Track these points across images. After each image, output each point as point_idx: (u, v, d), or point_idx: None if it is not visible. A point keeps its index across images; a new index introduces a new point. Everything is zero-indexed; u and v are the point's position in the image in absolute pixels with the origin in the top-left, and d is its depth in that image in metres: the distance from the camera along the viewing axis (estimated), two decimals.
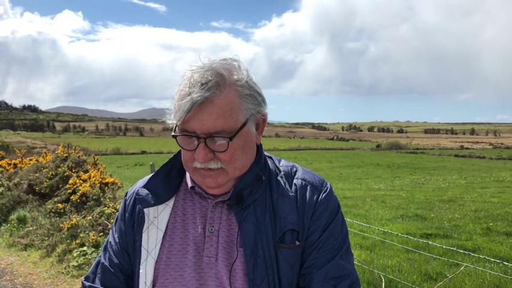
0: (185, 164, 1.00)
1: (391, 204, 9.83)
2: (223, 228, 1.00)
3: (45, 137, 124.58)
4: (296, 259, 0.99)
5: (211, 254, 0.98)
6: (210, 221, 1.01)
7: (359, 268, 4.50)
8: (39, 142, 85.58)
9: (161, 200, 1.05)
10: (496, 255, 5.18)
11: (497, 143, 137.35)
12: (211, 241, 0.99)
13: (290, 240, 0.98)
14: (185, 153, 0.98)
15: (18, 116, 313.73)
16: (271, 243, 0.97)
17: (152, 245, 1.02)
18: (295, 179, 1.06)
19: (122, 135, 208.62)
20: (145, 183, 1.10)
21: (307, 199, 1.02)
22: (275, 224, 0.99)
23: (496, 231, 6.60)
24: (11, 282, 4.94)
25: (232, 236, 0.99)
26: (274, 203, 1.01)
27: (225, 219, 1.01)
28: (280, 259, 0.97)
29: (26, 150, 13.02)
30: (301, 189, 1.04)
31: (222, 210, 1.02)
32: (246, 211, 0.99)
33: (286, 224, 0.98)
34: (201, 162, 0.94)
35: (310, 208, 1.02)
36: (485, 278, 4.23)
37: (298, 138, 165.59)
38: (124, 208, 1.13)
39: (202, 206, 1.04)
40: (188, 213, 1.04)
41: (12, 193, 8.05)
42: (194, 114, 0.91)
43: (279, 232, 0.98)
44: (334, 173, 29.09)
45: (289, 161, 1.15)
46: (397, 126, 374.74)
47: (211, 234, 0.99)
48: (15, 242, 6.32)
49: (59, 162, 8.47)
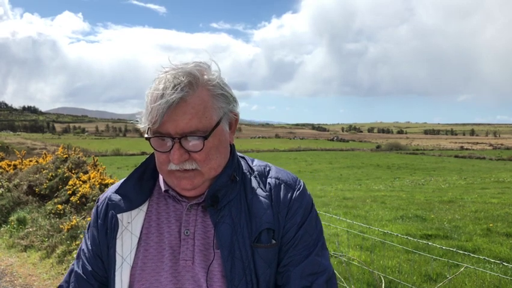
0: (159, 167, 0.99)
1: (391, 205, 9.83)
2: (198, 231, 1.00)
3: (45, 138, 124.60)
4: (273, 258, 1.00)
5: (188, 257, 0.98)
6: (185, 224, 1.00)
7: (359, 269, 4.50)
8: (39, 143, 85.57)
9: (135, 205, 1.04)
10: (496, 256, 5.17)
11: (497, 143, 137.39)
12: (187, 244, 0.98)
13: (266, 239, 0.98)
14: (160, 155, 0.97)
15: (18, 117, 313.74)
16: (248, 243, 0.97)
17: (127, 250, 1.01)
18: (269, 178, 1.07)
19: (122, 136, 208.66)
20: (117, 189, 1.07)
21: (282, 197, 1.03)
22: (251, 223, 0.99)
23: (496, 232, 6.60)
24: (11, 284, 4.94)
25: (208, 238, 0.99)
26: (249, 203, 1.01)
27: (200, 221, 1.00)
28: (257, 259, 0.97)
29: (25, 151, 13.02)
30: (275, 188, 1.04)
31: (196, 212, 1.01)
32: (221, 212, 0.99)
33: (262, 223, 0.99)
34: (176, 163, 0.94)
35: (285, 206, 1.02)
36: (485, 278, 4.23)
37: (298, 139, 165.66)
38: (96, 215, 1.10)
39: (176, 209, 1.03)
40: (162, 217, 1.03)
41: (12, 194, 8.05)
42: (168, 115, 0.91)
43: (255, 232, 0.98)
44: (334, 174, 29.08)
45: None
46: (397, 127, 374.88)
47: (186, 237, 0.99)
48: (15, 243, 6.32)
49: (59, 163, 8.46)
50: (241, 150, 54.82)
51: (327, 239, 6.14)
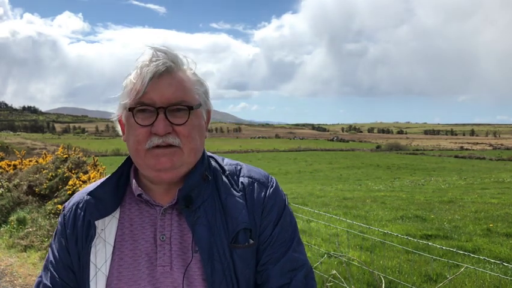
0: (135, 149, 0.94)
1: (391, 205, 9.83)
2: (175, 235, 0.97)
3: (45, 138, 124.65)
4: (251, 258, 0.99)
5: (165, 263, 0.95)
6: (160, 229, 0.97)
7: (359, 269, 4.50)
8: (39, 143, 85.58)
9: (109, 211, 1.00)
10: (496, 256, 5.17)
11: (497, 144, 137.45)
12: (163, 249, 0.96)
13: (244, 239, 0.97)
14: (139, 132, 0.93)
15: (18, 117, 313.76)
16: (226, 244, 0.96)
17: (101, 260, 0.97)
18: (241, 177, 1.05)
19: None
20: (92, 192, 1.02)
21: (256, 196, 1.02)
22: (227, 224, 0.97)
23: (496, 232, 6.60)
24: (10, 284, 4.94)
25: (185, 241, 0.97)
26: (223, 203, 0.99)
27: (175, 225, 0.98)
28: (236, 259, 0.96)
29: (25, 151, 13.02)
30: (249, 187, 1.03)
31: (171, 216, 0.98)
32: (197, 214, 0.97)
33: (238, 223, 0.97)
34: (161, 133, 0.91)
35: (260, 205, 1.02)
36: (485, 279, 4.23)
37: (298, 139, 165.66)
38: (63, 224, 1.05)
39: (150, 214, 1.00)
40: (136, 223, 0.99)
41: (12, 194, 8.05)
42: (152, 85, 0.92)
43: (232, 232, 0.97)
44: (334, 174, 29.08)
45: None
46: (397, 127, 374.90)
47: (162, 242, 0.96)
48: (15, 243, 6.32)
49: (59, 164, 8.47)
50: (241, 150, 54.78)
51: (327, 239, 6.15)
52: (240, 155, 59.41)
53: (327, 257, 4.94)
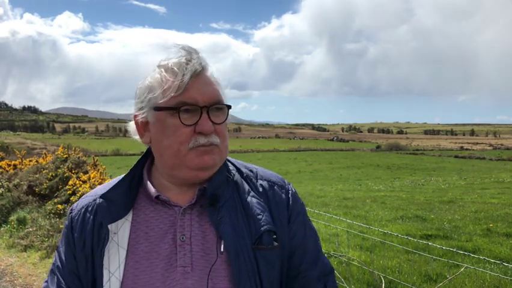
0: (177, 148, 0.92)
1: (391, 205, 9.83)
2: (196, 236, 0.95)
3: (45, 138, 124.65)
4: (275, 260, 0.98)
5: (186, 264, 0.92)
6: (180, 230, 0.94)
7: (359, 269, 4.50)
8: (39, 143, 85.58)
9: (122, 214, 0.97)
10: (496, 256, 5.17)
11: (497, 144, 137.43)
12: (183, 250, 0.93)
13: (268, 241, 0.96)
14: (183, 132, 0.91)
15: (18, 117, 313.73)
16: (249, 245, 0.95)
17: (114, 264, 0.93)
18: (259, 180, 1.06)
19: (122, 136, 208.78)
20: (105, 195, 0.99)
21: (278, 200, 1.03)
22: (249, 225, 0.96)
23: (496, 232, 6.60)
24: (10, 284, 4.94)
25: (207, 242, 0.95)
26: (244, 204, 0.99)
27: (196, 225, 0.95)
28: (260, 261, 0.95)
29: (25, 151, 13.02)
30: (270, 190, 1.04)
31: (191, 216, 0.96)
32: (220, 213, 0.95)
33: (262, 225, 0.97)
34: (208, 132, 0.91)
35: (283, 208, 1.02)
36: (485, 279, 4.23)
37: (298, 139, 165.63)
38: (70, 227, 1.01)
39: (168, 215, 0.97)
40: (152, 224, 0.96)
41: (12, 194, 8.05)
42: (192, 84, 0.91)
43: (255, 234, 0.96)
44: (334, 174, 29.08)
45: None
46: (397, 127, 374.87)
47: (182, 242, 0.94)
48: (15, 243, 6.32)
49: (59, 163, 8.47)
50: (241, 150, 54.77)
51: (327, 239, 6.15)
52: (240, 155, 59.34)
53: (327, 256, 4.93)
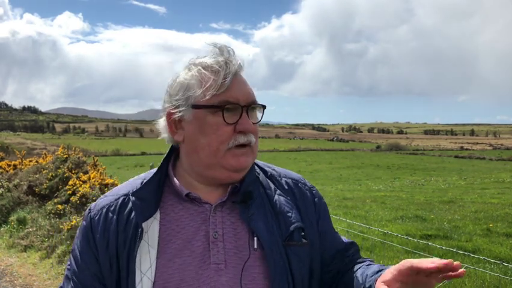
0: (217, 147, 0.92)
1: (391, 205, 9.83)
2: (228, 233, 0.95)
3: (45, 138, 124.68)
4: (306, 256, 0.99)
5: (219, 261, 0.92)
6: (212, 227, 0.94)
7: None
8: (39, 143, 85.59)
9: (152, 213, 0.95)
10: (496, 256, 5.18)
11: (497, 144, 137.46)
12: (216, 247, 0.93)
13: (298, 238, 0.97)
14: (225, 131, 0.92)
15: (18, 117, 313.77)
16: (280, 242, 0.95)
17: (146, 265, 0.91)
18: (283, 178, 1.08)
19: (122, 136, 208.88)
20: (137, 193, 0.97)
21: (304, 197, 1.06)
22: (279, 222, 0.97)
23: (496, 232, 6.60)
24: (10, 284, 4.94)
25: (239, 239, 0.95)
26: (272, 202, 1.00)
27: (228, 223, 0.96)
28: (292, 257, 0.96)
29: (25, 151, 13.03)
30: (295, 187, 1.06)
31: (222, 214, 0.96)
32: (251, 210, 0.96)
33: (293, 222, 0.98)
34: (249, 131, 0.93)
35: (311, 205, 1.06)
36: (485, 279, 4.23)
37: (298, 139, 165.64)
38: (90, 228, 0.97)
39: (199, 212, 0.96)
40: (183, 223, 0.95)
41: (12, 194, 8.05)
42: (233, 83, 0.92)
43: (285, 231, 0.97)
44: (334, 174, 29.07)
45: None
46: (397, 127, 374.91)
47: (215, 239, 0.93)
48: (15, 243, 6.32)
49: (59, 164, 8.47)
50: None
51: None
52: None
53: None
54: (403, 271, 0.80)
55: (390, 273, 0.83)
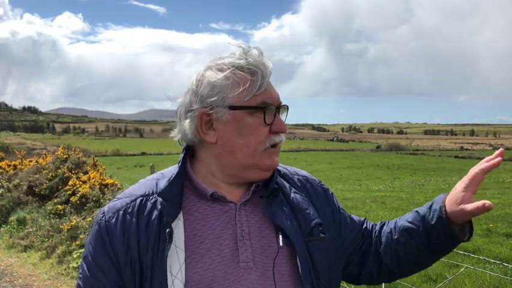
0: (255, 148, 0.93)
1: (391, 205, 9.84)
2: (253, 231, 0.95)
3: (45, 138, 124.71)
4: (326, 250, 1.00)
5: (248, 259, 0.92)
6: (239, 225, 0.94)
7: None
8: (39, 143, 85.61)
9: (177, 214, 0.93)
10: (496, 257, 5.18)
11: (497, 144, 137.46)
12: (244, 245, 0.93)
13: (317, 233, 0.99)
14: (263, 131, 0.93)
15: (18, 117, 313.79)
16: (301, 238, 0.96)
17: (175, 267, 0.89)
18: (295, 176, 1.10)
19: (122, 137, 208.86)
20: (163, 194, 0.93)
21: (317, 193, 1.09)
22: (298, 219, 0.99)
23: (496, 232, 6.60)
24: (10, 284, 4.94)
25: (264, 237, 0.95)
26: (289, 199, 1.01)
27: (252, 221, 0.96)
28: (315, 252, 0.97)
29: (25, 151, 13.04)
30: (307, 184, 1.10)
31: (246, 212, 0.97)
32: (273, 208, 0.97)
33: (312, 218, 1.00)
34: (284, 130, 0.96)
35: (324, 200, 1.09)
36: (485, 279, 4.23)
37: (298, 139, 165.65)
38: (106, 232, 0.92)
39: (223, 211, 0.96)
40: (209, 222, 0.94)
41: (12, 194, 8.06)
42: (268, 83, 0.94)
43: (305, 227, 0.98)
44: (334, 174, 29.07)
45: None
46: (397, 128, 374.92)
47: (242, 238, 0.93)
48: (15, 244, 6.32)
49: (59, 164, 8.47)
50: None
51: None
52: None
53: None
54: (476, 177, 1.00)
55: (463, 186, 1.01)
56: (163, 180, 0.98)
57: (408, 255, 1.05)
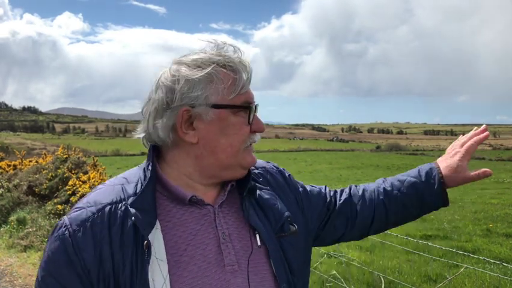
0: (238, 148, 0.90)
1: None
2: (233, 233, 0.92)
3: (45, 138, 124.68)
4: (298, 243, 0.99)
5: (233, 262, 0.89)
6: (219, 228, 0.90)
7: (359, 270, 4.49)
8: (39, 143, 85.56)
9: (153, 223, 0.84)
10: (496, 257, 5.18)
11: (497, 144, 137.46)
12: (227, 248, 0.89)
13: (287, 227, 0.97)
14: (246, 131, 0.91)
15: (18, 117, 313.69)
16: (273, 235, 0.94)
17: (159, 281, 0.81)
18: (254, 170, 1.05)
19: (122, 137, 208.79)
20: (135, 203, 0.84)
21: (277, 182, 1.06)
22: (267, 216, 0.96)
23: (496, 232, 6.60)
24: (10, 284, 4.94)
25: (243, 238, 0.93)
26: (255, 196, 0.98)
27: (230, 223, 0.93)
28: (286, 247, 0.96)
29: (25, 151, 13.04)
30: (268, 175, 1.07)
31: (223, 214, 0.93)
32: (246, 208, 0.94)
33: (281, 212, 0.97)
34: (264, 130, 0.94)
35: (285, 187, 1.07)
36: (485, 279, 4.23)
37: (298, 140, 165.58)
38: (72, 247, 0.81)
39: (202, 215, 0.91)
40: (188, 228, 0.88)
41: (12, 194, 8.05)
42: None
43: (275, 223, 0.96)
44: (334, 174, 29.07)
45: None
46: (397, 128, 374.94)
47: (224, 241, 0.90)
48: (14, 244, 6.32)
49: (59, 164, 8.47)
50: None
51: None
52: None
53: (326, 257, 4.94)
54: (471, 149, 1.12)
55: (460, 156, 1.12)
56: (129, 185, 0.90)
57: (397, 213, 1.13)
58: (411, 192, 1.11)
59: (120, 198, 0.86)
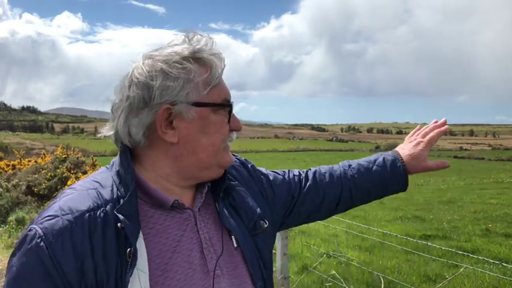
0: (219, 147, 0.87)
1: (390, 205, 9.83)
2: (213, 237, 0.89)
3: (44, 138, 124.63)
4: (269, 238, 1.00)
5: (216, 267, 0.86)
6: (201, 232, 0.87)
7: (358, 269, 4.49)
8: (38, 143, 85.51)
9: (138, 230, 0.78)
10: (495, 257, 5.18)
11: (496, 144, 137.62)
12: (210, 253, 0.86)
13: (259, 224, 0.95)
14: (226, 129, 0.88)
15: (17, 117, 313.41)
16: (247, 234, 0.93)
17: None
18: None
19: None
20: (122, 209, 0.78)
21: (243, 177, 1.03)
22: (240, 215, 0.94)
23: (495, 232, 6.61)
24: None
25: (220, 240, 0.90)
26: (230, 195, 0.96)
27: (208, 226, 0.89)
28: (261, 245, 0.95)
29: (24, 151, 13.03)
30: (234, 171, 1.02)
31: (201, 218, 0.89)
32: (221, 209, 0.92)
33: (254, 211, 0.95)
34: (241, 128, 0.92)
35: (250, 180, 1.03)
36: (484, 279, 4.23)
37: (297, 140, 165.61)
38: (50, 260, 0.72)
39: (183, 219, 0.86)
40: (171, 234, 0.84)
41: (11, 194, 8.04)
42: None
43: (248, 222, 0.94)
44: None
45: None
46: (396, 128, 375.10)
47: (207, 245, 0.87)
48: (13, 244, 6.31)
49: (58, 164, 8.46)
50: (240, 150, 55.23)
51: (326, 240, 6.14)
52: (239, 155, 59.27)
53: (326, 257, 4.94)
54: (433, 140, 1.17)
55: (423, 146, 1.16)
56: (104, 189, 0.82)
57: (361, 198, 1.17)
58: (376, 182, 1.14)
59: (97, 204, 0.78)
